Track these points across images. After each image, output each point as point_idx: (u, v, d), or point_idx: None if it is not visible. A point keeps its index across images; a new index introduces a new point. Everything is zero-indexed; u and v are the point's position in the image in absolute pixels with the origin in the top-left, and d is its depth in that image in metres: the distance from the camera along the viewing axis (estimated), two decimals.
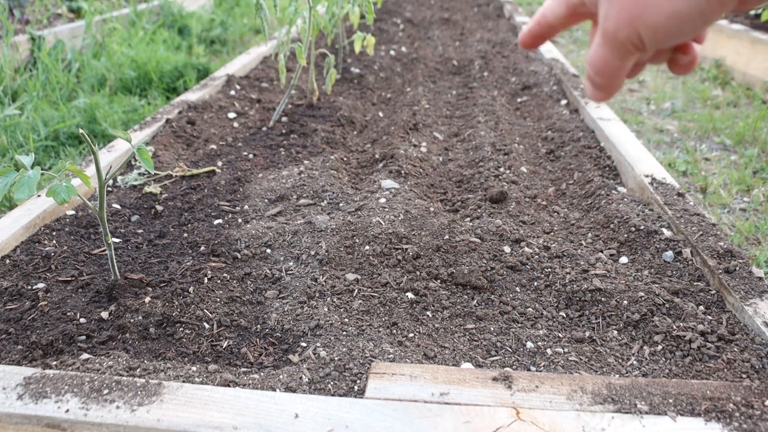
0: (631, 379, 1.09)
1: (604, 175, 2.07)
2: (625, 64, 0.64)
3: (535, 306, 1.41)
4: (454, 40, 4.42)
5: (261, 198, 1.85)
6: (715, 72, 4.31)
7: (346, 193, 1.86)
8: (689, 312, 1.36)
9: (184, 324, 1.32)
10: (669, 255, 1.58)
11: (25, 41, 3.78)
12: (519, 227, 1.68)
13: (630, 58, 0.63)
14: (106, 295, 1.40)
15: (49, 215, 1.72)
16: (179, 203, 1.86)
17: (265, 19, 2.27)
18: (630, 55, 0.62)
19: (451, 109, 2.88)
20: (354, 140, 2.48)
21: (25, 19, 4.35)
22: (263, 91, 3.05)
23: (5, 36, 3.60)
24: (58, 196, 1.18)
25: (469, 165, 2.17)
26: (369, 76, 3.32)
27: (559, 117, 2.61)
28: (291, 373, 1.13)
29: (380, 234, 1.57)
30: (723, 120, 3.41)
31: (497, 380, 1.08)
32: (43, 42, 3.77)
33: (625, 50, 0.62)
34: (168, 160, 2.12)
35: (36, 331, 1.28)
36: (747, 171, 2.74)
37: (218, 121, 2.55)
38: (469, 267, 1.49)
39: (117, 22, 4.59)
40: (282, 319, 1.33)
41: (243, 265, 1.52)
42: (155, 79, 3.67)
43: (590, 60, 0.66)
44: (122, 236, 1.67)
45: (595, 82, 0.66)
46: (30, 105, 3.15)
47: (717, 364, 1.22)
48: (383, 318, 1.34)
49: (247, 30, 5.68)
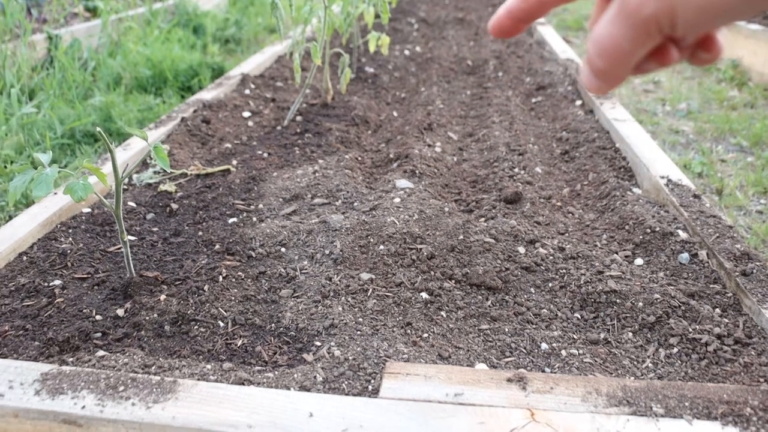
0: (646, 382, 1.09)
1: (619, 176, 2.06)
2: (638, 51, 0.50)
3: (550, 307, 1.41)
4: (468, 40, 4.41)
5: (275, 197, 1.86)
6: (731, 73, 4.28)
7: (361, 193, 1.86)
8: (705, 314, 1.35)
9: (198, 322, 1.32)
10: (685, 257, 1.57)
11: (42, 40, 3.81)
12: (533, 228, 1.68)
13: (648, 43, 0.49)
14: (122, 293, 1.40)
15: (66, 213, 1.73)
16: (194, 201, 1.86)
17: (280, 18, 2.27)
18: (649, 39, 0.49)
19: (466, 109, 2.88)
20: (368, 140, 2.48)
21: (43, 18, 4.38)
22: (278, 90, 3.05)
23: (23, 35, 3.63)
24: (75, 194, 1.19)
25: (483, 165, 2.17)
26: (383, 76, 3.32)
27: (574, 117, 2.60)
28: (305, 372, 1.13)
29: (395, 234, 1.57)
30: (740, 121, 3.39)
31: (512, 381, 1.08)
32: (60, 41, 3.80)
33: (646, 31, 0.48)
34: (183, 158, 2.13)
35: (53, 328, 1.29)
36: (764, 173, 2.72)
37: (233, 119, 2.56)
38: (484, 267, 1.49)
39: (132, 21, 4.61)
40: (296, 318, 1.33)
41: (257, 263, 1.53)
42: (170, 77, 3.69)
43: (595, 38, 0.51)
44: (137, 234, 1.68)
45: (596, 66, 0.52)
46: (47, 103, 3.17)
47: (734, 368, 1.21)
48: (397, 318, 1.34)
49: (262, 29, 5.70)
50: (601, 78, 0.53)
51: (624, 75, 0.53)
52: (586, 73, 0.54)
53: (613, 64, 0.51)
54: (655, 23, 0.47)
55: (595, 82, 0.54)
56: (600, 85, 0.54)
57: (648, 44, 0.50)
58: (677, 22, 0.47)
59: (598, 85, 0.54)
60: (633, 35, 0.49)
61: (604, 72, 0.52)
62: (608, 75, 0.52)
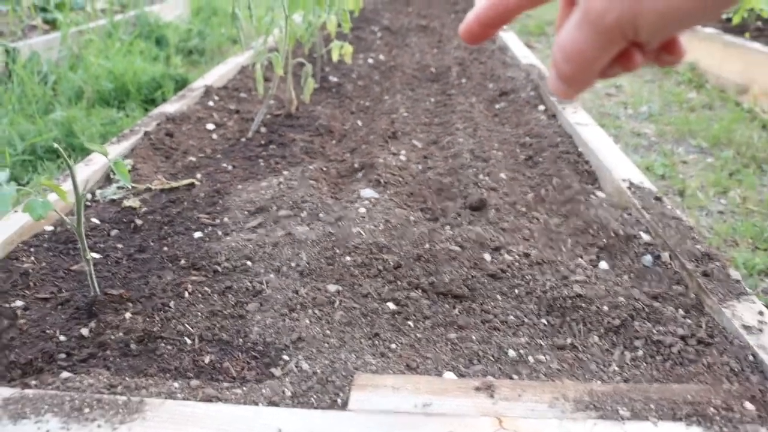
0: (612, 386, 1.10)
1: (583, 181, 2.09)
2: (603, 57, 0.51)
3: (517, 314, 1.42)
4: (431, 47, 4.44)
5: (241, 210, 1.85)
6: (689, 75, 4.37)
7: (326, 204, 1.85)
8: (669, 316, 1.37)
9: (165, 339, 1.31)
10: (648, 259, 1.59)
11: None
12: (499, 234, 1.69)
13: (612, 49, 0.50)
14: (86, 312, 1.38)
15: (27, 231, 1.70)
16: (159, 217, 1.85)
17: (241, 29, 2.27)
18: (614, 45, 0.50)
19: (430, 116, 2.89)
20: (333, 150, 2.48)
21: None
22: (241, 101, 3.04)
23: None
24: (35, 212, 1.17)
25: (448, 173, 2.18)
26: (347, 85, 3.33)
27: (537, 122, 2.63)
28: (273, 387, 1.12)
29: (361, 244, 1.57)
30: (699, 123, 3.46)
31: (480, 389, 1.09)
32: (18, 54, 3.74)
33: (610, 38, 0.49)
34: (147, 173, 2.11)
35: (15, 351, 1.27)
36: (723, 173, 2.78)
37: (197, 132, 2.54)
38: (450, 276, 1.50)
39: (93, 34, 4.56)
40: (264, 333, 1.32)
41: (224, 278, 1.52)
42: (133, 90, 3.65)
43: (560, 43, 0.52)
44: (101, 251, 1.66)
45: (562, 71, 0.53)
46: (5, 119, 3.12)
47: (697, 368, 1.23)
48: (365, 329, 1.34)
49: (225, 39, 5.67)
50: (567, 83, 0.54)
51: (590, 79, 0.53)
52: (552, 77, 0.55)
53: (578, 69, 0.52)
54: (618, 30, 0.48)
55: (562, 86, 0.54)
56: (567, 90, 0.55)
57: (612, 50, 0.50)
58: (640, 29, 0.47)
59: (565, 89, 0.55)
60: (597, 41, 0.49)
61: (570, 77, 0.53)
62: (574, 80, 0.53)
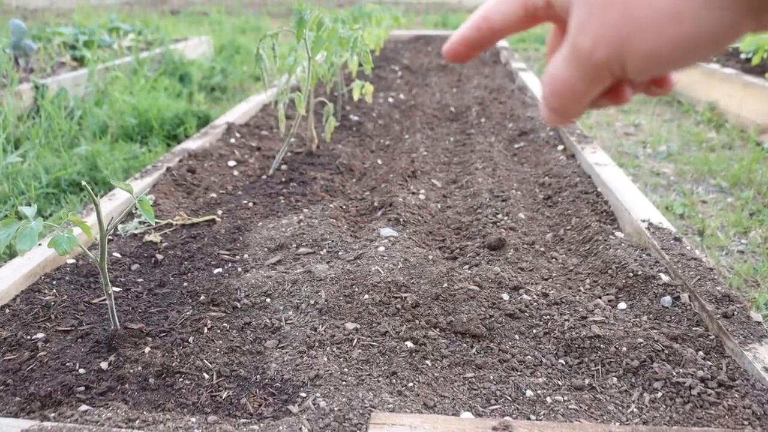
0: (631, 427, 1.09)
1: (602, 221, 2.09)
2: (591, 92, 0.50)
3: (534, 354, 1.42)
4: (451, 87, 4.48)
5: (260, 247, 1.87)
6: (709, 115, 4.37)
7: (345, 242, 1.87)
8: (689, 358, 1.36)
9: (183, 374, 1.32)
10: (667, 300, 1.58)
11: (29, 89, 3.83)
12: (517, 274, 1.69)
13: (600, 85, 0.50)
14: (106, 345, 1.40)
15: (50, 264, 1.73)
16: (179, 252, 1.87)
17: (264, 69, 2.31)
18: (602, 81, 0.49)
19: (449, 155, 2.91)
20: (353, 188, 2.50)
21: (30, 67, 4.42)
22: (263, 138, 3.08)
23: (10, 85, 3.66)
24: (60, 247, 1.19)
25: (467, 212, 2.19)
26: (368, 124, 3.36)
27: (556, 162, 2.64)
28: (291, 424, 1.12)
29: (379, 282, 1.58)
30: (718, 162, 3.45)
31: (497, 430, 1.08)
32: (46, 90, 3.82)
33: (598, 75, 0.49)
34: (168, 208, 2.14)
35: (34, 382, 1.28)
36: (744, 213, 2.76)
37: (218, 169, 2.58)
38: (468, 315, 1.50)
39: (119, 71, 4.65)
40: (282, 369, 1.33)
41: (243, 314, 1.53)
42: (156, 126, 3.71)
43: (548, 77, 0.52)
44: (122, 285, 1.68)
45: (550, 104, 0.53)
46: (32, 152, 3.18)
47: (718, 411, 1.22)
48: (383, 367, 1.34)
49: (247, 77, 5.76)
50: (556, 114, 0.54)
51: (579, 111, 0.54)
52: (543, 108, 0.55)
53: (566, 104, 0.52)
54: (606, 67, 0.48)
55: (552, 117, 0.55)
56: (558, 120, 0.55)
57: (600, 86, 0.50)
58: (627, 68, 0.47)
59: (556, 119, 0.55)
60: (585, 78, 0.49)
61: (558, 110, 0.53)
62: (563, 112, 0.53)
